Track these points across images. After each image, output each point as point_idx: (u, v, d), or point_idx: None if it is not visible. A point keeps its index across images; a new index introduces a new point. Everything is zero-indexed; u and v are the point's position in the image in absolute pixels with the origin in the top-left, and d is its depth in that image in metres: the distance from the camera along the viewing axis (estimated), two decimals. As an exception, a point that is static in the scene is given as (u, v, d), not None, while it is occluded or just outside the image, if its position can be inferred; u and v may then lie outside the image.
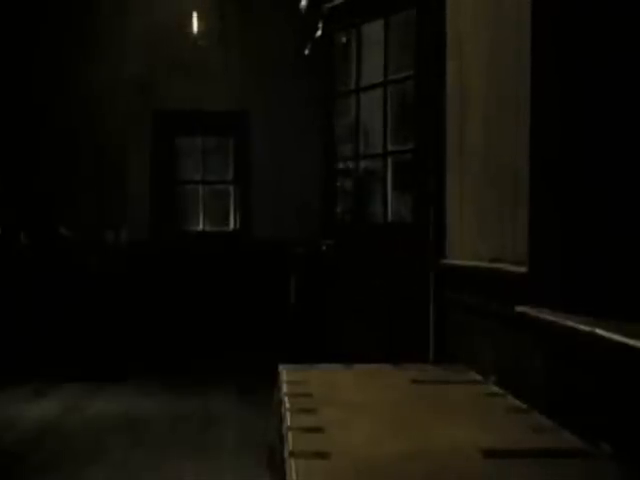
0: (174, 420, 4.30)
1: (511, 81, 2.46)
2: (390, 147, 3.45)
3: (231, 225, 6.28)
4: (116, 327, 5.72)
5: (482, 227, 2.90)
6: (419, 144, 3.35)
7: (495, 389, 2.30)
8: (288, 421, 1.86)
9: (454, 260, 3.26)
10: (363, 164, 3.67)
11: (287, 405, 2.01)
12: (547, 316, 2.03)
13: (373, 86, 3.68)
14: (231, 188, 6.31)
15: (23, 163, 5.93)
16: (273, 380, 2.46)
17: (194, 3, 5.58)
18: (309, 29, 3.97)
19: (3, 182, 5.91)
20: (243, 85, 5.93)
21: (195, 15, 5.45)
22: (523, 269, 2.26)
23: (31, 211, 5.89)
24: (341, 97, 3.62)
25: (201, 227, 6.31)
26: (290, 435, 1.73)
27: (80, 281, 5.69)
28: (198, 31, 5.48)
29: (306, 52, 4.22)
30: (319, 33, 3.65)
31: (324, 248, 3.24)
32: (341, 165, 3.63)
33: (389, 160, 3.51)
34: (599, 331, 1.69)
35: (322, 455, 1.60)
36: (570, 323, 1.87)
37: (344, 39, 4.08)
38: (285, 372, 2.40)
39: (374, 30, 3.69)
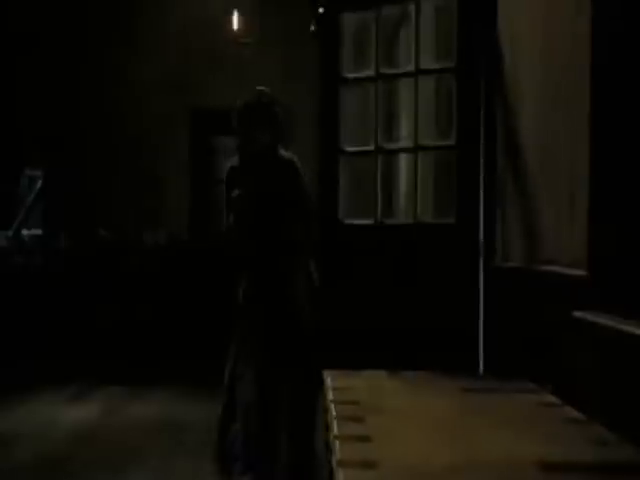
0: (212, 423, 4.34)
1: (567, 78, 2.41)
2: (421, 141, 3.35)
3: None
4: (154, 329, 5.81)
5: (535, 227, 2.84)
6: (462, 140, 3.28)
7: (551, 399, 2.25)
8: (335, 429, 1.84)
9: (504, 263, 3.20)
10: (384, 159, 3.55)
11: (333, 413, 2.00)
12: (607, 322, 1.97)
13: (398, 75, 3.55)
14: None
15: (65, 165, 6.08)
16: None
17: (234, 1, 5.63)
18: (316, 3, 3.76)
19: (46, 184, 6.07)
20: (282, 83, 5.93)
21: (235, 13, 5.49)
22: (581, 271, 2.20)
23: (72, 213, 6.02)
24: (350, 84, 3.47)
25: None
26: (337, 444, 1.72)
27: (119, 282, 5.79)
28: (238, 29, 5.52)
29: (311, 29, 4.13)
30: (321, 10, 3.53)
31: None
32: (347, 159, 3.51)
33: (419, 156, 3.42)
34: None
35: (370, 465, 1.59)
36: (632, 329, 1.82)
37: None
38: (330, 378, 2.39)
39: (396, 13, 3.57)
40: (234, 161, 3.31)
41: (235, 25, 5.58)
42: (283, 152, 3.32)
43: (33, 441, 4.06)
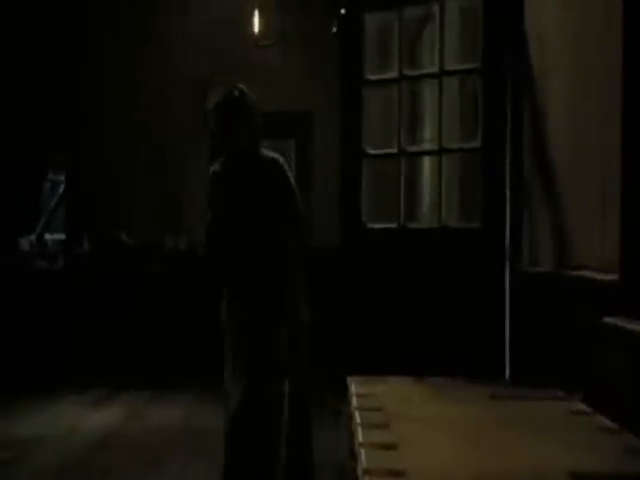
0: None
1: (598, 76, 2.38)
2: (445, 144, 3.33)
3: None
4: (175, 333, 5.83)
5: (564, 231, 2.81)
6: (487, 142, 3.26)
7: (581, 407, 2.21)
8: (360, 437, 1.83)
9: (532, 267, 3.16)
10: (407, 162, 3.52)
11: (358, 420, 1.99)
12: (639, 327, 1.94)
13: (422, 76, 3.51)
14: (292, 192, 6.31)
15: (88, 170, 6.14)
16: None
17: (255, 3, 5.64)
18: (338, 3, 3.68)
19: (69, 189, 6.14)
20: (305, 85, 5.95)
21: (256, 15, 5.50)
22: (612, 276, 2.17)
23: (94, 217, 6.08)
24: (373, 86, 3.43)
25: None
26: (363, 452, 1.71)
27: (140, 286, 5.83)
28: (259, 31, 5.54)
29: (333, 30, 4.05)
30: (343, 11, 3.45)
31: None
32: (370, 162, 3.47)
33: (444, 158, 3.39)
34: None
35: (397, 473, 1.57)
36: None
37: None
38: (353, 385, 2.38)
39: (420, 13, 3.53)
40: (216, 166, 3.11)
41: (256, 27, 5.59)
42: (267, 151, 3.12)
43: (55, 446, 4.08)
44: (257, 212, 3.01)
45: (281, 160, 3.10)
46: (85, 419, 4.63)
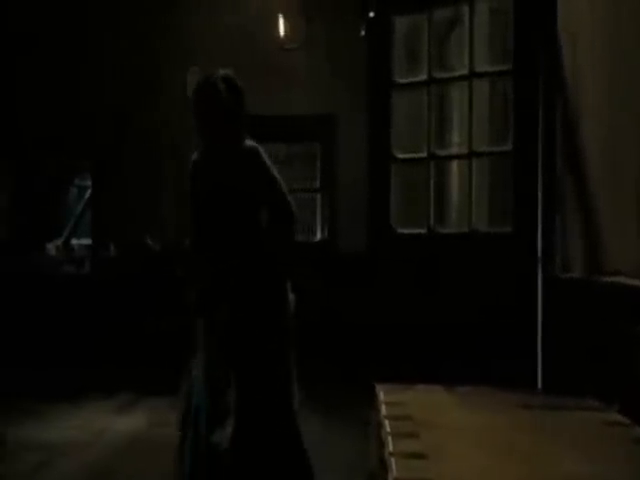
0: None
1: (633, 78, 2.35)
2: (475, 147, 3.30)
3: (317, 236, 6.30)
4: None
5: (598, 235, 2.77)
6: (519, 145, 3.23)
7: (618, 417, 2.18)
8: (390, 446, 1.83)
9: (564, 273, 3.13)
10: (437, 166, 3.51)
11: (387, 429, 1.98)
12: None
13: (451, 79, 3.49)
14: (318, 197, 6.33)
15: (113, 178, 6.22)
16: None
17: (280, 5, 5.67)
18: (366, 6, 3.66)
19: (95, 196, 6.22)
20: (330, 88, 5.96)
21: (282, 17, 5.53)
22: (649, 283, 2.14)
23: (119, 222, 6.16)
24: (402, 89, 3.41)
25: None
26: (393, 461, 1.71)
27: (165, 290, 5.88)
28: (284, 34, 5.56)
29: (361, 33, 4.00)
30: (372, 14, 3.42)
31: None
32: (399, 166, 3.44)
33: (474, 162, 3.37)
34: None
35: (427, 484, 1.57)
36: None
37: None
38: (382, 393, 2.38)
39: (449, 15, 3.51)
40: (195, 155, 3.02)
41: (281, 30, 5.62)
42: (247, 141, 2.96)
43: (82, 450, 4.13)
44: (236, 205, 2.90)
45: (258, 149, 2.95)
46: (111, 424, 4.67)
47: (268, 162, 2.94)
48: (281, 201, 2.88)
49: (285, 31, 5.54)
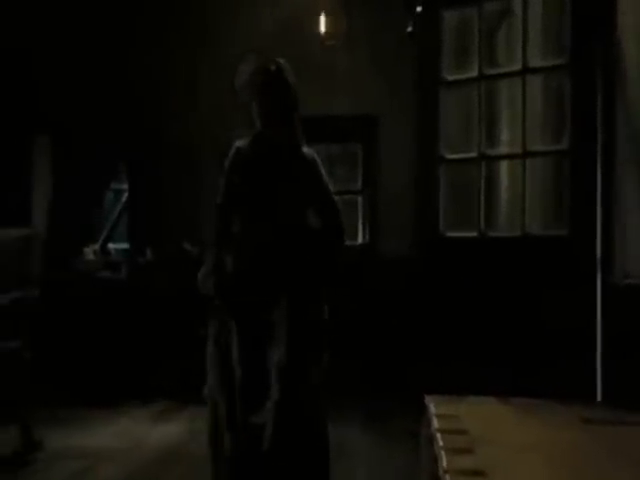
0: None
1: None
2: (529, 147, 3.23)
3: (359, 239, 6.27)
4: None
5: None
6: (576, 144, 3.15)
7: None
8: (444, 462, 1.79)
9: (624, 279, 3.04)
10: (487, 166, 3.44)
11: (440, 443, 1.94)
12: None
13: (503, 75, 3.42)
14: (359, 199, 6.30)
15: (149, 181, 6.28)
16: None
17: (321, 3, 5.66)
18: (413, 1, 3.59)
19: (132, 200, 6.29)
20: (372, 88, 5.92)
21: (323, 15, 5.52)
22: None
23: (156, 226, 6.22)
24: (451, 87, 3.35)
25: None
26: (449, 479, 1.67)
27: (205, 297, 5.90)
28: (325, 31, 5.55)
29: (408, 30, 3.93)
30: (419, 9, 3.36)
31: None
32: (448, 167, 3.37)
33: (527, 162, 3.30)
34: None
35: (487, 503, 1.53)
36: None
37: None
38: (433, 405, 2.33)
39: (499, 8, 3.45)
40: (243, 143, 2.84)
41: (322, 27, 5.60)
42: (305, 146, 2.86)
43: (123, 458, 4.19)
44: (288, 207, 2.81)
45: (317, 157, 2.87)
46: (150, 432, 4.73)
47: (325, 174, 2.86)
48: (334, 217, 2.82)
49: (326, 28, 5.52)
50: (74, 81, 6.08)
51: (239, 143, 2.87)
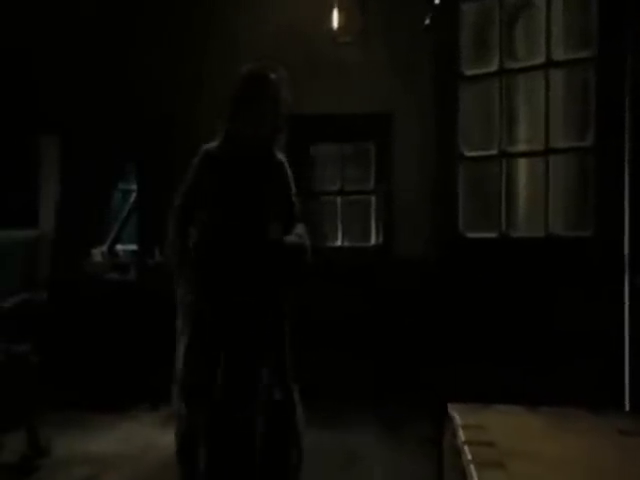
0: (312, 454, 4.24)
1: None
2: (552, 143, 3.12)
3: (372, 240, 6.16)
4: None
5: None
6: (602, 140, 3.04)
7: None
8: (474, 478, 1.68)
9: (654, 281, 2.92)
10: (508, 164, 3.33)
11: (468, 456, 1.83)
12: None
13: (525, 69, 3.30)
14: (372, 199, 6.19)
15: (157, 179, 6.20)
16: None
17: (332, -2, 5.56)
18: None
19: (141, 200, 6.22)
20: (386, 85, 5.81)
21: (335, 10, 5.42)
22: None
23: (166, 228, 6.13)
24: (470, 82, 3.25)
25: (339, 242, 6.21)
26: (482, 496, 1.56)
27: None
28: (338, 27, 5.44)
29: (426, 22, 3.85)
30: (437, 0, 3.27)
31: None
32: (467, 165, 3.27)
33: (550, 160, 3.19)
34: None
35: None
36: None
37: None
38: (458, 414, 2.22)
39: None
40: (213, 146, 2.90)
41: (335, 23, 5.49)
42: (278, 153, 2.95)
43: (130, 464, 4.13)
44: (258, 211, 2.85)
45: (288, 166, 2.99)
46: (157, 437, 4.65)
47: (293, 181, 2.99)
48: (302, 231, 2.94)
49: (339, 23, 5.41)
50: (79, 80, 6.01)
51: (208, 146, 2.93)
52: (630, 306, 3.04)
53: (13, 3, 5.92)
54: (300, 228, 2.95)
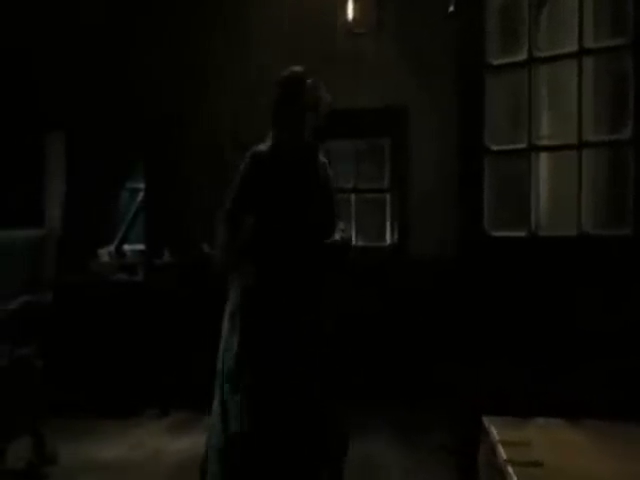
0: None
1: None
2: (586, 136, 2.95)
3: (387, 240, 5.99)
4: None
5: None
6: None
7: None
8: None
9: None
10: (538, 157, 3.17)
11: (514, 479, 1.66)
12: None
13: (556, 57, 3.12)
14: (387, 197, 6.03)
15: (167, 179, 6.08)
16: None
17: (349, -12, 5.39)
18: None
19: (148, 199, 6.10)
20: (402, 78, 5.64)
21: (350, 1, 5.26)
22: None
23: (174, 227, 6.00)
24: (497, 72, 3.10)
25: (353, 242, 6.05)
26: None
27: (223, 300, 5.68)
28: (353, 19, 5.29)
29: (450, 9, 3.71)
30: None
31: None
32: (493, 160, 3.12)
33: (583, 154, 3.02)
34: None
35: None
36: None
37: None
38: (495, 429, 2.05)
39: None
40: (261, 150, 2.94)
41: (350, 14, 5.33)
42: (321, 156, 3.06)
43: (138, 471, 4.01)
44: (306, 213, 2.93)
45: (329, 169, 3.08)
46: (167, 444, 4.57)
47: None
48: (344, 226, 2.99)
49: (354, 14, 5.25)
50: (84, 80, 5.90)
51: (259, 148, 2.95)
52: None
53: (18, 4, 5.82)
54: (341, 224, 3.03)
